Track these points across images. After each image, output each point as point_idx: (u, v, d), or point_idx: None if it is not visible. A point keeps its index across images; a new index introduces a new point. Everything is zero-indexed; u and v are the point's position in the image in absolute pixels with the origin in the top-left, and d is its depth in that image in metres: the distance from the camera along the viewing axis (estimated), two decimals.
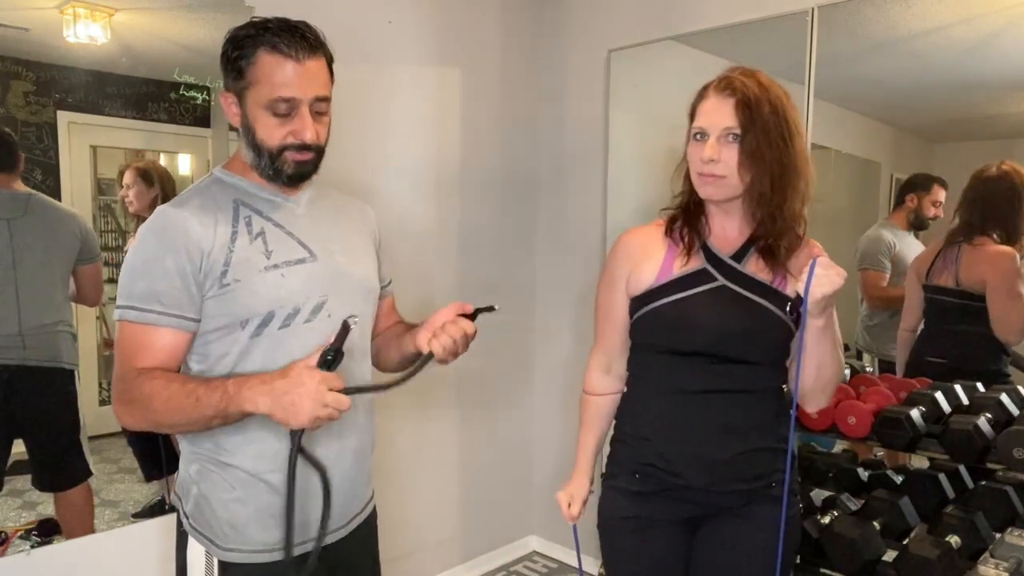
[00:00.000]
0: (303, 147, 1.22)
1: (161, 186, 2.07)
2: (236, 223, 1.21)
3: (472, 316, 1.31)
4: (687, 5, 2.52)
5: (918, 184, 2.21)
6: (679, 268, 1.40)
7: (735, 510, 1.41)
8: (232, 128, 1.31)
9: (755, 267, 1.37)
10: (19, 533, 1.83)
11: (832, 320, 1.31)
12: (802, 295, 1.23)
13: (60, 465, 1.96)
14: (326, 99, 1.24)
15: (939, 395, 1.89)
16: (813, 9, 2.16)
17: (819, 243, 1.42)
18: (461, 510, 2.89)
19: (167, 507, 2.05)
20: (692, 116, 1.38)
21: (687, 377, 1.39)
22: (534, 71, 2.98)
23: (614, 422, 1.55)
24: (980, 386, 1.97)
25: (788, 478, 1.37)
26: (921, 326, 2.18)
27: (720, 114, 1.31)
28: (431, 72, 2.61)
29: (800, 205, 1.35)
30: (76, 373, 1.94)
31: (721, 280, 1.37)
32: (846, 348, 2.36)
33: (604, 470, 1.54)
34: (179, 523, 1.29)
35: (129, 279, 1.18)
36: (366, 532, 1.42)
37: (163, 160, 2.14)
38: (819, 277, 1.22)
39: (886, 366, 2.28)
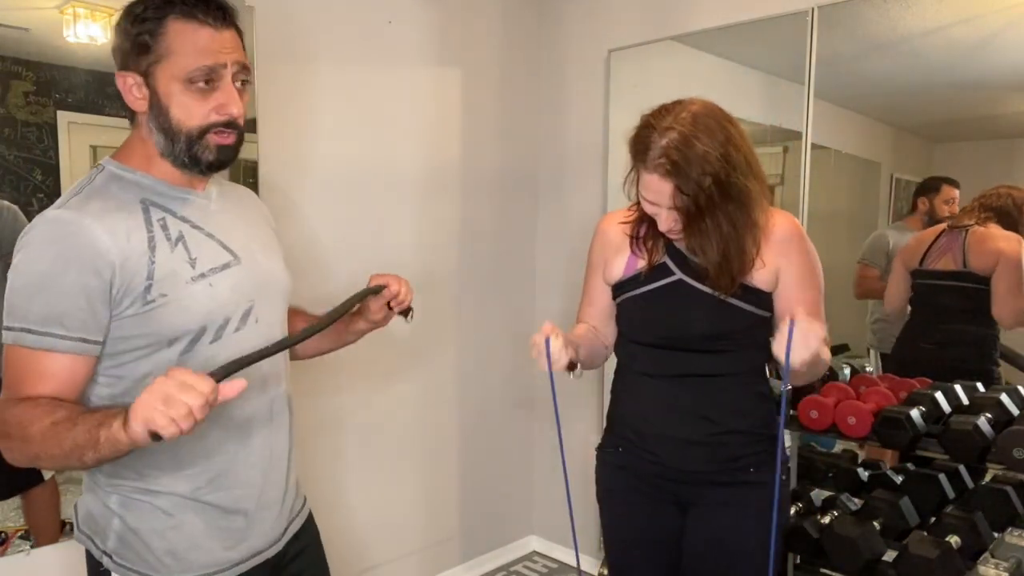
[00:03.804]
0: (228, 125, 1.09)
1: None
2: (151, 228, 1.07)
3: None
4: (687, 5, 2.52)
5: (928, 187, 2.22)
6: (643, 262, 1.43)
7: (719, 495, 1.41)
8: (126, 115, 1.16)
9: None
10: (19, 533, 1.83)
11: (817, 356, 1.21)
12: (781, 359, 1.15)
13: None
14: (248, 69, 1.12)
15: (939, 395, 1.89)
16: (813, 9, 2.16)
17: (812, 242, 1.41)
18: (461, 510, 2.88)
19: None
20: (635, 167, 1.32)
21: (660, 363, 1.42)
22: (534, 71, 2.98)
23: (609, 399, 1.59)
24: (980, 386, 1.97)
25: (779, 458, 1.37)
26: (907, 317, 2.20)
27: (659, 194, 1.28)
28: (431, 72, 2.61)
29: (752, 230, 1.32)
30: None
31: (678, 274, 1.39)
32: (845, 348, 2.36)
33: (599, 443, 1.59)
34: (94, 565, 1.16)
35: (22, 297, 1.01)
36: (306, 542, 1.33)
37: None
38: (797, 342, 1.13)
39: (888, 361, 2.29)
